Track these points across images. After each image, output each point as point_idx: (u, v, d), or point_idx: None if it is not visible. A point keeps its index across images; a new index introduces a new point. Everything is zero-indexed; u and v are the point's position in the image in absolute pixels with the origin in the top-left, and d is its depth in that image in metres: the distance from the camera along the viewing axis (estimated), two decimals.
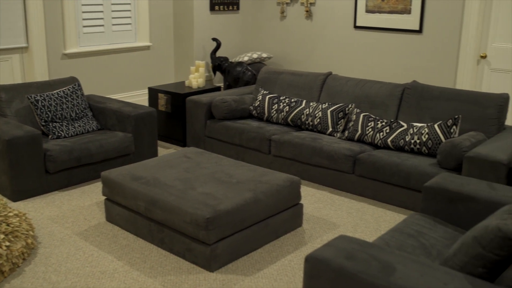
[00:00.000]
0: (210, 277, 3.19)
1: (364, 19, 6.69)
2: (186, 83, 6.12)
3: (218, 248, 3.24)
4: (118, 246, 3.55)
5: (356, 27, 6.79)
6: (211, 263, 3.24)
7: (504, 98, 4.38)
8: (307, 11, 7.11)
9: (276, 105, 5.23)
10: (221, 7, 7.16)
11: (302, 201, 4.35)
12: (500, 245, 2.07)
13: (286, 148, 4.76)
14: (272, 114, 5.23)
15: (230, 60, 7.15)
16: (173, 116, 5.75)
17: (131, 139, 4.83)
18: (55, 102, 4.76)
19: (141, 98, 6.80)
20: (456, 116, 4.28)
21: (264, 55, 7.19)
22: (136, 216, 3.63)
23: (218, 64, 6.73)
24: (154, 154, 5.11)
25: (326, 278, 2.17)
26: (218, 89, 6.20)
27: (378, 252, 2.22)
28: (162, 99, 5.81)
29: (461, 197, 2.99)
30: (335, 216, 4.09)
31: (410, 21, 6.34)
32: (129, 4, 6.49)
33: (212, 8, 7.02)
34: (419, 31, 6.29)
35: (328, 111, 4.90)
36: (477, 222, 2.95)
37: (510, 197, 2.89)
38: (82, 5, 5.99)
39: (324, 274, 2.18)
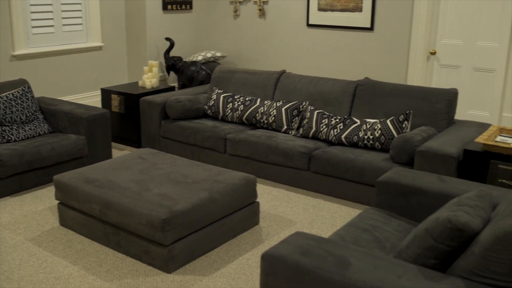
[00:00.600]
0: (168, 279, 3.17)
1: (317, 17, 6.75)
2: (140, 83, 6.06)
3: (175, 249, 3.22)
4: (72, 251, 3.49)
5: (309, 25, 6.84)
6: (169, 264, 3.21)
7: (453, 93, 4.49)
8: (260, 9, 7.13)
9: (230, 104, 5.23)
10: (174, 6, 7.11)
11: (258, 199, 4.36)
12: (451, 236, 2.12)
13: (241, 147, 4.76)
14: (227, 113, 5.22)
15: (184, 60, 7.11)
16: (127, 117, 5.68)
17: (84, 142, 4.75)
18: (4, 105, 4.64)
19: (93, 99, 6.69)
20: (408, 112, 4.37)
21: (218, 54, 7.18)
22: (91, 219, 3.57)
23: (172, 64, 6.68)
24: (108, 156, 5.03)
25: (283, 274, 2.19)
26: (172, 89, 6.16)
27: (333, 247, 2.24)
28: (115, 100, 5.73)
29: (413, 190, 3.05)
30: (291, 213, 4.12)
31: (362, 19, 6.43)
32: (80, 4, 6.38)
33: (164, 8, 6.96)
34: (371, 28, 6.39)
35: (283, 109, 4.93)
36: (429, 215, 3.02)
37: (460, 189, 2.97)
38: (31, 5, 5.85)
39: (280, 271, 2.19)
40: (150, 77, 6.02)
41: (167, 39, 6.70)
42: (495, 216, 2.24)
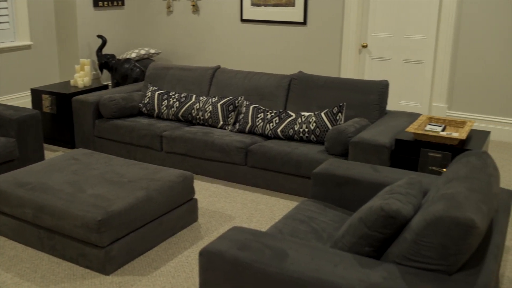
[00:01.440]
0: (106, 281, 3.11)
1: (250, 12, 6.77)
2: (72, 82, 5.91)
3: (112, 250, 3.17)
4: (5, 258, 3.37)
5: (242, 20, 6.86)
6: (106, 266, 3.15)
7: (384, 84, 4.61)
8: (193, 5, 7.09)
9: (166, 101, 5.18)
10: (105, 2, 6.97)
11: (196, 196, 4.34)
12: (383, 224, 2.18)
13: (178, 144, 4.73)
14: (162, 110, 5.17)
15: (117, 57, 6.99)
16: (59, 117, 5.52)
17: (14, 144, 4.59)
18: None
19: (23, 100, 6.48)
20: (341, 104, 4.45)
21: (152, 51, 7.09)
22: (24, 224, 3.46)
23: (105, 62, 6.55)
24: (41, 158, 4.88)
25: (221, 270, 2.19)
26: (105, 87, 6.04)
27: (271, 240, 2.26)
28: (46, 100, 5.57)
29: (347, 181, 3.11)
30: (230, 208, 4.12)
31: (295, 13, 6.50)
32: (5, 1, 6.15)
33: (95, 4, 6.82)
34: (304, 23, 6.47)
35: (218, 105, 4.92)
36: (363, 204, 3.09)
37: (392, 178, 3.05)
38: None
39: (219, 266, 2.19)
40: (82, 76, 5.88)
41: (99, 36, 6.57)
42: (425, 203, 2.31)
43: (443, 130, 3.97)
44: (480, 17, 5.69)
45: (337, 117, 4.41)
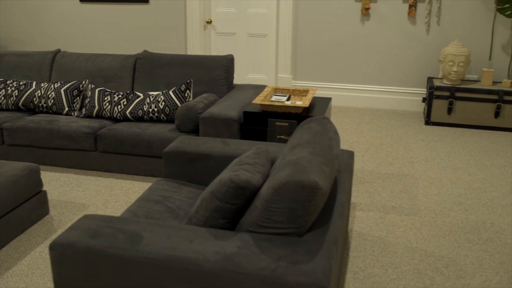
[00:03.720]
0: None
1: None
2: None
3: None
4: None
5: (82, 0, 6.58)
6: None
7: (229, 59, 4.67)
8: None
9: (3, 90, 4.84)
10: None
11: (45, 188, 4.13)
12: (234, 195, 2.22)
13: (20, 135, 4.45)
14: (0, 101, 4.83)
15: None
16: None
17: None
18: None
19: None
20: (188, 81, 4.45)
21: None
22: None
23: None
24: None
25: (74, 261, 2.11)
26: None
27: (124, 224, 2.22)
28: None
29: (198, 156, 3.13)
30: (83, 197, 3.98)
31: None
32: None
33: None
34: (146, 1, 6.34)
35: (62, 90, 4.69)
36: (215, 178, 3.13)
37: (243, 150, 3.12)
38: None
39: (71, 258, 2.11)
40: None
41: None
42: (273, 170, 2.39)
43: (288, 99, 4.12)
44: None
45: (186, 94, 4.40)
